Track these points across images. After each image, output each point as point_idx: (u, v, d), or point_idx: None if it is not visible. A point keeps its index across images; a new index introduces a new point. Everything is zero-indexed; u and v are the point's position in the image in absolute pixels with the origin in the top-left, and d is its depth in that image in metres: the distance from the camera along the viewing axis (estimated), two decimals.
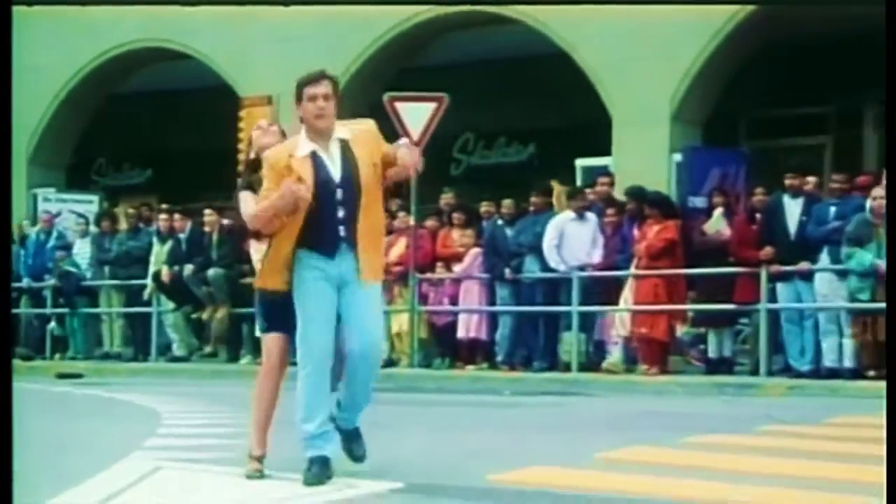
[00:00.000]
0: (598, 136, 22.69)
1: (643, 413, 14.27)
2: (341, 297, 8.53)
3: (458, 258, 20.37)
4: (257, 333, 9.84)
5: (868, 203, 16.84)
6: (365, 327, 8.53)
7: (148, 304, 23.30)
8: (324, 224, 8.43)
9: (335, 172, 8.43)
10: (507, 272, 19.72)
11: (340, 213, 8.41)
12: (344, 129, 8.53)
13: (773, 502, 7.75)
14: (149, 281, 23.06)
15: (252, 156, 9.46)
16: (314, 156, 8.43)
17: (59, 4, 26.03)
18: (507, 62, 24.46)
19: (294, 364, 8.83)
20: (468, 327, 20.29)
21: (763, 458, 9.81)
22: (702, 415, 13.97)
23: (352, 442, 9.03)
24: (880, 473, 8.99)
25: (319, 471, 8.57)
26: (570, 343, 19.28)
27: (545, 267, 19.45)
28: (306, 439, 8.68)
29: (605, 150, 22.59)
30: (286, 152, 8.49)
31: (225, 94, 26.13)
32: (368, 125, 8.67)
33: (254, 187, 8.94)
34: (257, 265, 23.04)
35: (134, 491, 8.79)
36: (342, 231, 8.44)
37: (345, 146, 8.46)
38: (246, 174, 9.46)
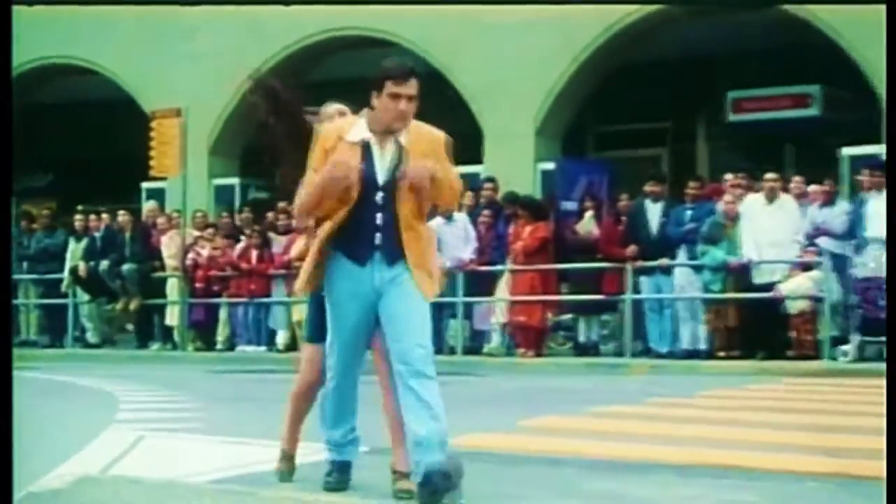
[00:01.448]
0: (466, 146, 23.04)
1: (541, 389, 14.58)
2: (382, 309, 6.79)
3: None
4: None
5: (719, 207, 17.54)
6: (404, 342, 6.76)
7: (64, 295, 23.29)
8: (359, 227, 6.77)
9: (382, 173, 6.71)
10: None
11: (378, 219, 6.72)
12: (407, 133, 6.76)
13: (672, 458, 8.20)
14: (66, 275, 23.08)
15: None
16: (366, 146, 6.75)
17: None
18: None
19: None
20: None
21: (657, 424, 10.34)
22: (589, 390, 14.37)
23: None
24: (755, 433, 9.62)
25: (340, 476, 7.30)
26: (456, 329, 19.66)
27: None
28: (331, 444, 7.42)
29: (474, 160, 23.03)
30: (337, 132, 6.82)
31: (126, 107, 26.17)
32: (436, 136, 6.85)
33: None
34: (168, 261, 23.20)
35: (130, 457, 8.85)
36: (378, 239, 6.73)
37: (401, 149, 6.71)
38: None
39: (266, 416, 12.03)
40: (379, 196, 6.70)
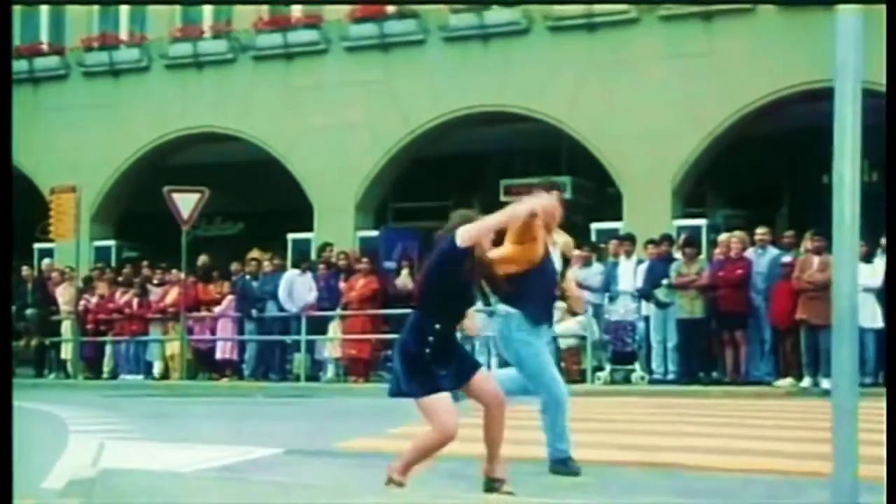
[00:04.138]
0: (301, 219, 23.50)
1: (384, 407, 14.54)
2: None
3: (217, 302, 20.64)
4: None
5: None
6: None
7: None
8: None
9: None
10: (254, 312, 20.06)
11: None
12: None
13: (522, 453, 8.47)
14: None
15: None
16: None
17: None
18: (233, 166, 24.69)
19: None
20: (224, 351, 20.52)
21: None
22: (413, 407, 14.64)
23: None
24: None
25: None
26: (300, 361, 19.79)
27: (281, 308, 19.83)
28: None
29: (308, 229, 23.42)
30: None
31: (21, 184, 25.80)
32: None
33: None
34: (63, 307, 22.86)
35: (106, 459, 8.74)
36: None
37: None
38: None
39: (182, 427, 12.28)
40: None
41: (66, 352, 22.29)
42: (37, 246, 25.29)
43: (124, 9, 25.66)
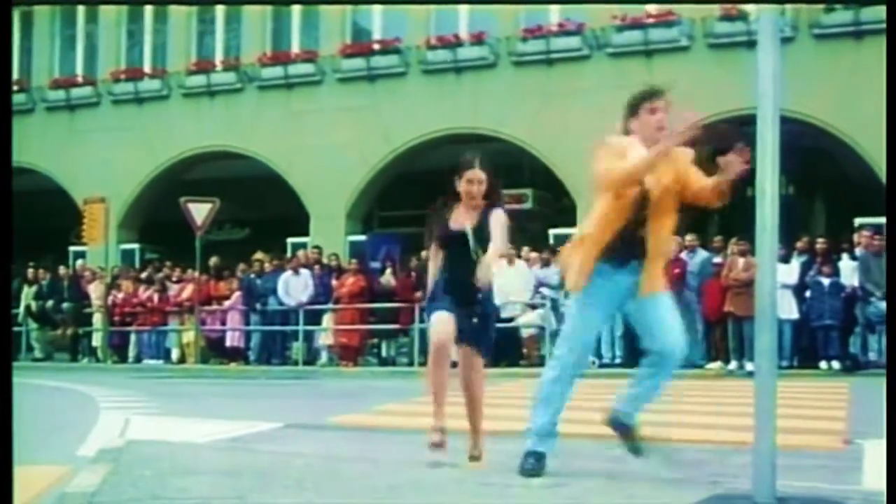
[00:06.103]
0: (302, 224, 23.45)
1: (371, 388, 14.44)
2: (635, 306, 5.42)
3: (226, 297, 20.51)
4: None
5: None
6: (664, 331, 5.42)
7: (19, 325, 22.53)
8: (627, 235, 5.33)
9: (650, 183, 5.28)
10: (258, 306, 19.97)
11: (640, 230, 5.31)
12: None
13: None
14: (21, 310, 22.52)
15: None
16: None
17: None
18: (241, 180, 24.67)
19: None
20: (232, 339, 20.38)
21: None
22: (398, 388, 14.00)
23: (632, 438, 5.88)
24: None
25: (536, 463, 5.68)
26: (298, 348, 19.67)
27: (281, 302, 19.72)
28: (531, 433, 5.77)
29: (304, 233, 23.33)
30: (623, 145, 5.42)
31: (54, 195, 25.66)
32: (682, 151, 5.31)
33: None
34: (95, 301, 22.76)
35: (132, 432, 8.57)
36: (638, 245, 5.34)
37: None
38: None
39: (197, 404, 12.18)
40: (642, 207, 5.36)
41: (97, 340, 22.14)
42: (71, 249, 25.22)
43: (147, 46, 25.68)
